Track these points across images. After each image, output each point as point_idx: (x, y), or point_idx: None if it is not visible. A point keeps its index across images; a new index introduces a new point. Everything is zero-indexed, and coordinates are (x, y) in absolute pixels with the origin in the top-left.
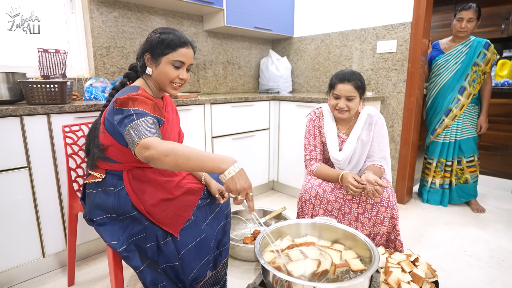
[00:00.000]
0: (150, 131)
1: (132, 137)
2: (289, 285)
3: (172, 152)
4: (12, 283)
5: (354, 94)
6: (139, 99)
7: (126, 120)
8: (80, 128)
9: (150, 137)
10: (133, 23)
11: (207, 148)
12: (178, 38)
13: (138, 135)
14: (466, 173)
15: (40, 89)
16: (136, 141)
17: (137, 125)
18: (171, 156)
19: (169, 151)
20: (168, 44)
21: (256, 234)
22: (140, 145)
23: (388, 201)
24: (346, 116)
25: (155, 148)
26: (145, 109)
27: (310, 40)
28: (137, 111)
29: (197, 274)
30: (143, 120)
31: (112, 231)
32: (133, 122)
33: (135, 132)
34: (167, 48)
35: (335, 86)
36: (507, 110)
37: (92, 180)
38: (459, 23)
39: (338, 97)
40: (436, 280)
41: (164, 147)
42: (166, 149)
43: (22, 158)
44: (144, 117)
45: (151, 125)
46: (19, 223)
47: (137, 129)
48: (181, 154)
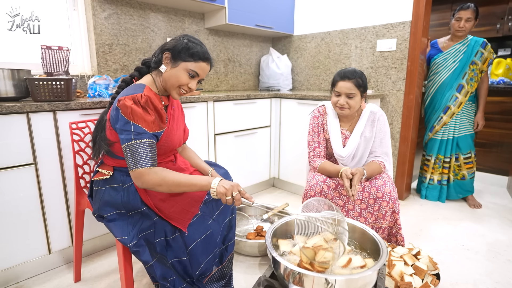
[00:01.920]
0: (146, 159)
1: (129, 161)
2: (301, 277)
3: (163, 182)
4: (19, 279)
5: (354, 92)
6: (139, 113)
7: (125, 134)
8: (87, 125)
9: (143, 168)
10: (135, 21)
11: (210, 146)
12: (203, 52)
13: (134, 161)
14: (463, 170)
15: (46, 86)
16: (132, 168)
17: (134, 147)
18: (163, 186)
19: (161, 181)
20: (193, 54)
21: (259, 230)
22: (134, 173)
23: (389, 196)
24: (347, 112)
25: (146, 181)
26: (145, 127)
27: (310, 38)
28: (137, 129)
29: (204, 269)
30: (139, 144)
31: (122, 227)
32: (130, 142)
33: (131, 157)
34: (190, 56)
35: (337, 83)
36: (503, 108)
37: (100, 177)
38: (458, 23)
39: (339, 94)
40: (438, 272)
41: (155, 179)
42: (158, 180)
43: (28, 155)
44: (141, 139)
45: (147, 151)
46: (25, 219)
47: (133, 154)
48: (172, 182)
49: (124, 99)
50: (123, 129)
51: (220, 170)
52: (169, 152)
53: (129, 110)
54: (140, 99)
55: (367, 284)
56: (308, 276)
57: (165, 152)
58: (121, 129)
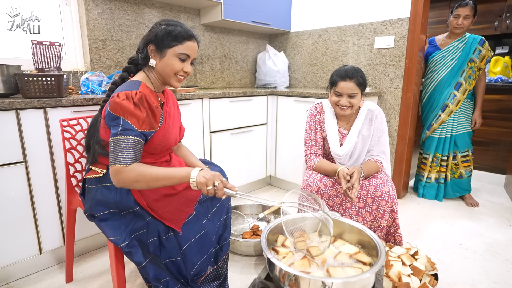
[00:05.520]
0: (126, 156)
1: (110, 156)
2: (297, 279)
3: (140, 177)
4: (9, 280)
5: (356, 91)
6: (129, 110)
7: (113, 129)
8: (78, 122)
9: (123, 165)
10: (130, 16)
11: (205, 144)
12: (185, 31)
13: (114, 157)
14: (461, 168)
15: (36, 82)
16: (111, 163)
17: (118, 142)
18: (141, 181)
19: (138, 177)
20: (176, 37)
21: (255, 229)
22: (113, 169)
23: (388, 195)
24: (348, 112)
25: (123, 178)
26: (134, 123)
27: (308, 35)
28: (125, 125)
29: (198, 269)
30: (123, 140)
31: (114, 227)
32: (115, 137)
33: (113, 152)
34: (174, 41)
35: (337, 83)
36: (500, 106)
37: (92, 176)
38: (456, 20)
39: (340, 95)
40: (436, 273)
41: (132, 175)
42: (135, 176)
43: (18, 152)
44: (126, 136)
45: (129, 148)
46: (16, 219)
47: (115, 149)
48: (149, 177)
49: (116, 95)
50: (111, 124)
51: (215, 168)
52: (165, 151)
53: (120, 106)
54: (134, 96)
55: (364, 287)
56: (304, 278)
57: (161, 151)
58: (110, 124)
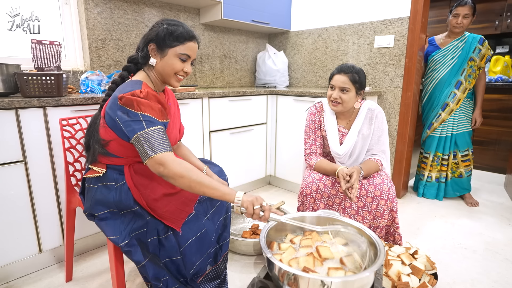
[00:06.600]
0: (163, 144)
1: (145, 148)
2: (296, 279)
3: (187, 174)
4: (9, 279)
5: (348, 86)
6: (145, 102)
7: (135, 125)
8: (77, 121)
9: (165, 153)
10: (129, 15)
11: (205, 143)
12: (187, 31)
13: (152, 148)
14: (461, 167)
15: (36, 81)
16: (150, 155)
17: (148, 135)
18: (185, 178)
19: (184, 173)
20: (177, 37)
21: (255, 228)
22: (155, 160)
23: (388, 194)
24: (339, 109)
25: (170, 168)
26: (154, 115)
27: (307, 35)
28: (146, 118)
29: (198, 269)
30: (154, 130)
31: (114, 226)
32: (143, 131)
33: (148, 144)
34: (175, 41)
35: (333, 76)
36: (500, 105)
37: (92, 175)
38: (455, 19)
39: (333, 87)
40: (435, 272)
41: (179, 169)
42: (181, 170)
43: (17, 152)
44: (154, 126)
45: (163, 137)
46: (15, 218)
47: (149, 141)
48: (195, 178)
49: (125, 95)
50: (131, 120)
51: (214, 168)
52: None
53: (136, 101)
54: (140, 93)
55: (364, 286)
56: (303, 278)
57: None
58: (128, 121)
